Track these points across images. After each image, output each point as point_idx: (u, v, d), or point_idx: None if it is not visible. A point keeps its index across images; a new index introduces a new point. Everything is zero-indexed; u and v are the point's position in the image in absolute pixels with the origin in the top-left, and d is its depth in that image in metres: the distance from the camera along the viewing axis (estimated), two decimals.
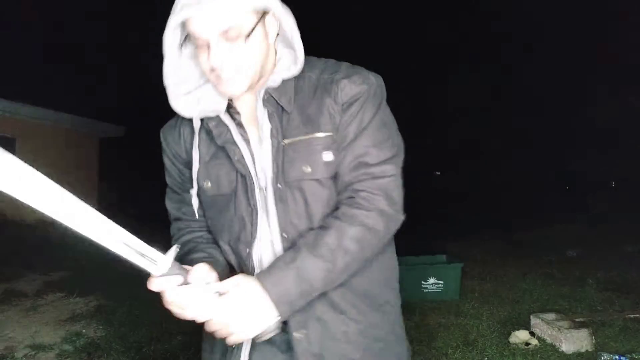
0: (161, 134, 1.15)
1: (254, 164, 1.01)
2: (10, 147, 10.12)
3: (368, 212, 0.95)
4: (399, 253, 1.14)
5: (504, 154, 20.20)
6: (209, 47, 0.92)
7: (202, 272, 0.90)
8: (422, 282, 4.90)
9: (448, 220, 11.86)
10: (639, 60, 17.35)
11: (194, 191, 1.07)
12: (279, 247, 1.01)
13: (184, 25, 0.95)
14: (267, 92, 1.00)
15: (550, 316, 3.93)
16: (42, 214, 0.84)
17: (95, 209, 0.92)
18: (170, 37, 0.97)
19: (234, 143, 1.02)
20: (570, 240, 8.66)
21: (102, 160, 12.68)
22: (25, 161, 0.75)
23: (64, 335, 4.00)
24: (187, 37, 0.98)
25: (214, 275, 0.91)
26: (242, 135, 1.02)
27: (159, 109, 1.27)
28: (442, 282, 4.92)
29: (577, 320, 3.89)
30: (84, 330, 4.13)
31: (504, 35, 20.23)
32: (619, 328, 3.95)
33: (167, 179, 1.17)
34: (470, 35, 20.95)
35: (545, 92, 20.09)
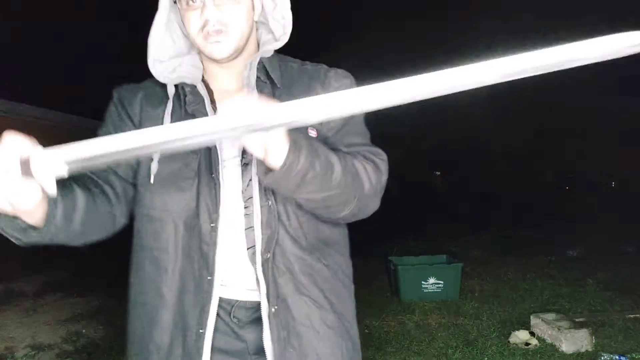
0: (115, 93, 1.10)
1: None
2: None
3: (365, 163, 0.98)
4: (399, 253, 1.17)
5: (504, 154, 20.23)
6: (203, 6, 0.96)
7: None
8: (422, 282, 4.90)
9: (448, 220, 11.86)
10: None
11: (156, 156, 1.00)
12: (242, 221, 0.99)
13: None
14: (261, 61, 1.04)
15: (550, 316, 3.93)
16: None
17: None
18: None
19: (205, 113, 1.01)
20: (570, 240, 8.66)
21: None
22: None
23: (64, 335, 4.01)
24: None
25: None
26: (213, 109, 1.02)
27: None
28: (442, 282, 4.92)
29: (577, 320, 3.89)
30: (84, 330, 4.13)
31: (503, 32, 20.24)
32: (619, 328, 3.96)
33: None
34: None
35: (546, 91, 20.11)
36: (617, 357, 3.32)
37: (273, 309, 0.98)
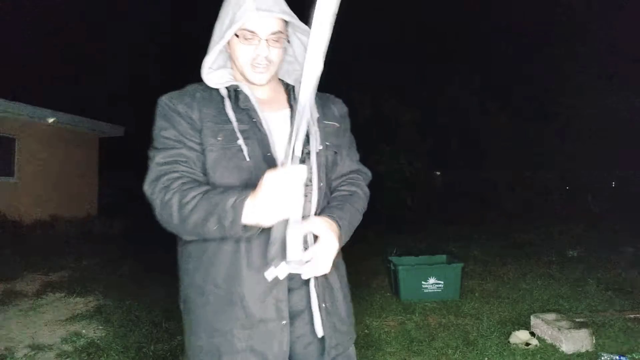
0: (169, 101, 1.27)
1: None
2: (10, 147, 10.12)
3: (363, 193, 1.43)
4: (399, 253, 1.22)
5: (504, 154, 20.21)
6: (259, 42, 1.24)
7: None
8: (422, 282, 4.89)
9: (448, 220, 11.85)
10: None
11: (240, 141, 1.23)
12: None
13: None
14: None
15: (551, 316, 3.92)
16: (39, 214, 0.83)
17: (95, 208, 0.92)
18: (234, 29, 1.23)
19: (254, 109, 1.27)
20: (570, 240, 8.66)
21: (102, 160, 12.67)
22: (26, 161, 0.74)
23: (64, 335, 4.00)
24: None
25: None
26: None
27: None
28: (442, 282, 4.92)
29: (577, 320, 3.89)
30: (83, 331, 4.12)
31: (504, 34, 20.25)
32: (619, 328, 3.95)
33: (168, 141, 1.25)
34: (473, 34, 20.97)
35: (546, 91, 20.10)
36: (617, 357, 3.31)
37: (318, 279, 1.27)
